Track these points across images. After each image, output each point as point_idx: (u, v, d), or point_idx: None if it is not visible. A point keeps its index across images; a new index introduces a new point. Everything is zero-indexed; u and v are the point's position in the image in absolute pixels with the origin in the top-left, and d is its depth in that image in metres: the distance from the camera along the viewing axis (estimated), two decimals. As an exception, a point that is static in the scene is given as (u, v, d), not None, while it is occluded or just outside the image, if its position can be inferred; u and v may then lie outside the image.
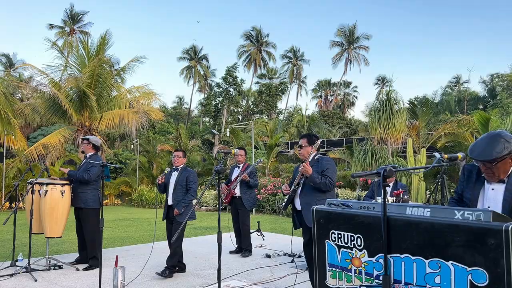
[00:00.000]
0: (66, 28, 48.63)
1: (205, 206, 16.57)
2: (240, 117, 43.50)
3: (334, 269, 2.56)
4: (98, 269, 6.00)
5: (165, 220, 5.97)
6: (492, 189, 2.70)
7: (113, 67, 32.28)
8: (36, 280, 5.40)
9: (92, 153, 6.40)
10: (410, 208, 2.29)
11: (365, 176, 2.32)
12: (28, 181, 6.18)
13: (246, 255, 6.97)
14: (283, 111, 48.59)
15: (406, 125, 12.27)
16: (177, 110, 55.45)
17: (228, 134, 18.41)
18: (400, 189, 5.86)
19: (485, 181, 2.74)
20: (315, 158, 4.70)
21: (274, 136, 23.69)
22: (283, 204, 4.95)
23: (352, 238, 2.45)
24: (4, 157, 15.90)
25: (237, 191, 7.21)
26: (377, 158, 11.73)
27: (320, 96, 55.83)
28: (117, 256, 4.73)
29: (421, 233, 2.14)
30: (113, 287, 4.47)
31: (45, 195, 5.87)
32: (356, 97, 57.02)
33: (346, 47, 51.70)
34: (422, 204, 2.32)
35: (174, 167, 5.90)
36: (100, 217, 4.72)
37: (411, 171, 4.26)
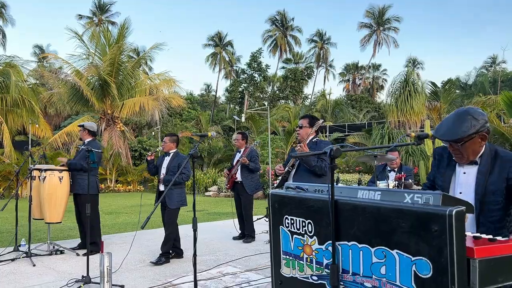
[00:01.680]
0: (94, 19, 49.39)
1: (224, 192, 16.57)
2: (266, 103, 43.25)
3: (287, 257, 2.39)
4: (96, 254, 6.08)
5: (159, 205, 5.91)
6: (464, 173, 2.44)
7: (140, 55, 32.68)
8: (34, 265, 5.47)
9: (89, 139, 6.40)
10: (362, 191, 2.09)
11: (309, 156, 2.11)
12: (28, 167, 6.27)
13: (249, 241, 6.86)
14: (309, 96, 47.99)
15: (426, 107, 11.72)
16: (204, 97, 55.72)
17: (243, 120, 18.27)
18: (403, 173, 5.58)
19: (457, 164, 2.48)
20: (313, 140, 4.46)
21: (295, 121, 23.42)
22: (275, 185, 4.79)
23: (304, 224, 2.27)
24: (30, 145, 16.33)
25: (238, 176, 7.08)
26: (394, 142, 11.27)
27: (348, 80, 54.82)
28: (102, 241, 4.71)
29: (367, 219, 1.94)
30: (99, 273, 4.43)
31: (43, 181, 5.91)
32: (386, 80, 55.57)
33: (375, 28, 50.30)
34: (378, 187, 2.11)
35: (165, 152, 5.84)
36: (87, 203, 4.70)
37: (369, 151, 3.93)
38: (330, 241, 2.09)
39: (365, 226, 1.95)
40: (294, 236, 2.33)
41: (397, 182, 5.41)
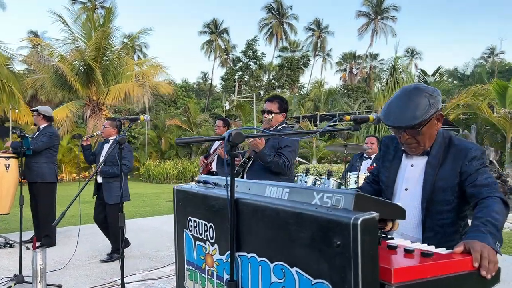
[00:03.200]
0: (88, 4, 48.43)
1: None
2: (262, 92, 42.57)
3: (191, 267, 1.95)
4: (48, 248, 5.66)
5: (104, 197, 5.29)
6: (412, 166, 1.99)
7: (134, 42, 31.89)
8: (-26, 260, 5.04)
9: (44, 124, 5.94)
10: (270, 188, 1.64)
11: (196, 143, 1.66)
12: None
13: None
14: (305, 85, 47.40)
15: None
16: (200, 86, 55.01)
17: (227, 108, 17.70)
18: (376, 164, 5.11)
19: (403, 156, 2.03)
20: (278, 129, 3.85)
21: (290, 110, 22.99)
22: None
23: (206, 228, 1.82)
24: (11, 132, 15.84)
25: (214, 166, 6.60)
26: (380, 131, 10.83)
27: (345, 70, 54.12)
28: (35, 237, 4.27)
29: (266, 225, 1.49)
30: (32, 271, 3.99)
31: (-12, 169, 5.46)
32: (383, 70, 54.85)
33: (373, 17, 49.54)
34: (287, 184, 1.65)
35: (104, 138, 5.30)
36: (20, 194, 4.24)
37: (288, 136, 3.25)
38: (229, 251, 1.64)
39: (264, 234, 1.51)
40: (197, 242, 1.89)
41: (369, 173, 4.95)
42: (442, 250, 1.52)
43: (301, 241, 1.34)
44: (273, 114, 3.74)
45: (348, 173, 5.06)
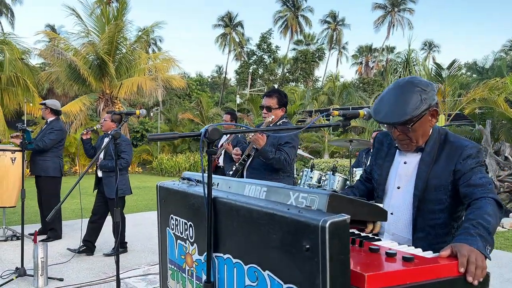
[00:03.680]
0: (104, -2, 48.68)
1: (221, 175, 16.14)
2: (276, 86, 42.38)
3: (173, 267, 1.90)
4: (54, 241, 5.71)
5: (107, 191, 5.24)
6: (405, 163, 1.90)
7: (149, 36, 31.98)
8: (-22, 252, 5.11)
9: (52, 118, 5.97)
10: (250, 186, 1.57)
11: (170, 139, 1.59)
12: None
13: None
14: (320, 79, 46.97)
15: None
16: (215, 79, 55.05)
17: (238, 102, 17.58)
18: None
19: (397, 152, 1.94)
20: (278, 124, 3.66)
21: (302, 103, 22.85)
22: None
23: (186, 227, 1.77)
24: (26, 125, 16.03)
25: (221, 161, 6.54)
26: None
27: (361, 63, 53.46)
28: (36, 231, 4.28)
29: (241, 225, 1.43)
30: (33, 265, 4.01)
31: (-6, 162, 5.51)
32: (398, 63, 54.06)
33: (390, 9, 48.77)
34: (265, 182, 1.58)
35: (104, 132, 5.28)
36: (22, 188, 4.25)
37: (270, 132, 3.11)
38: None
39: (239, 234, 1.44)
40: (178, 241, 1.84)
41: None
42: (429, 254, 1.44)
43: (273, 243, 1.27)
44: (272, 114, 3.63)
45: (354, 169, 4.95)
